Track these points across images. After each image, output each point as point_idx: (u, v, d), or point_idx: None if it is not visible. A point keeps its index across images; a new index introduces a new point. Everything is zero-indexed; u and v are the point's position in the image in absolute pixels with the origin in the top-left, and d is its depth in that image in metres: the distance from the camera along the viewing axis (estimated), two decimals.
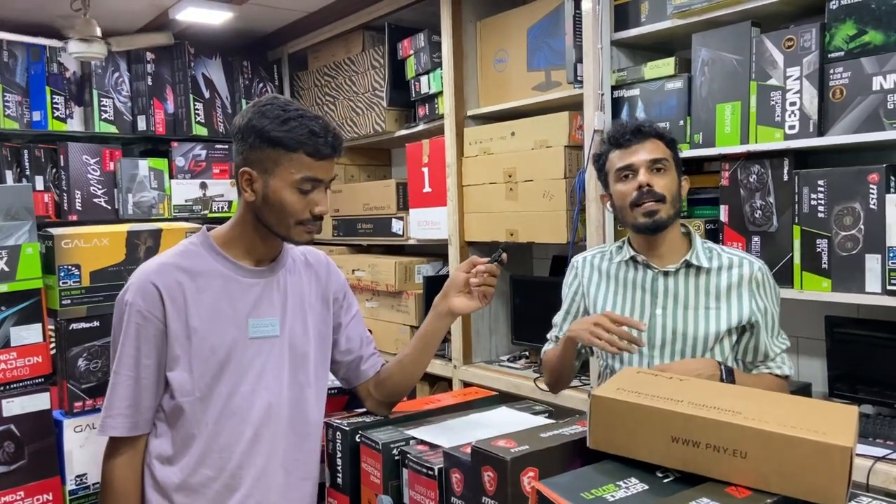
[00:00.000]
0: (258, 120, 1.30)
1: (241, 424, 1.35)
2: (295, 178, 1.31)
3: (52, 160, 3.70)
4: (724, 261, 1.67)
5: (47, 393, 1.52)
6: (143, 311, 1.31)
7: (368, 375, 1.54)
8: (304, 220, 1.34)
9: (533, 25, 2.84)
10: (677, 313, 1.66)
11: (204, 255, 1.37)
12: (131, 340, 1.32)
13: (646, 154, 1.64)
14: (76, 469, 1.55)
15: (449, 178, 3.10)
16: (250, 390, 1.36)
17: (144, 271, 1.34)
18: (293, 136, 1.29)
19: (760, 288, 1.65)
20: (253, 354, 1.37)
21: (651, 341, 1.68)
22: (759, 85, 2.08)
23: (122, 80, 3.87)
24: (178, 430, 1.34)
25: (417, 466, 1.22)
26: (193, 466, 1.34)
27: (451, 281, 1.47)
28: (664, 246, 1.69)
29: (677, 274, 1.68)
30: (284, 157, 1.30)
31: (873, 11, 1.87)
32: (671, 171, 1.67)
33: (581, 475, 1.01)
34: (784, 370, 1.68)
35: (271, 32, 4.12)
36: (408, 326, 3.37)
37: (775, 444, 0.91)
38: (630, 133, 1.66)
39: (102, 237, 1.58)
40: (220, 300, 1.35)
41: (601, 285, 1.77)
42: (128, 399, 1.33)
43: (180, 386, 1.33)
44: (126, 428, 1.33)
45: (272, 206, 1.32)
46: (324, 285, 1.49)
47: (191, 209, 3.99)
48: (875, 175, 1.88)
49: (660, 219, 1.63)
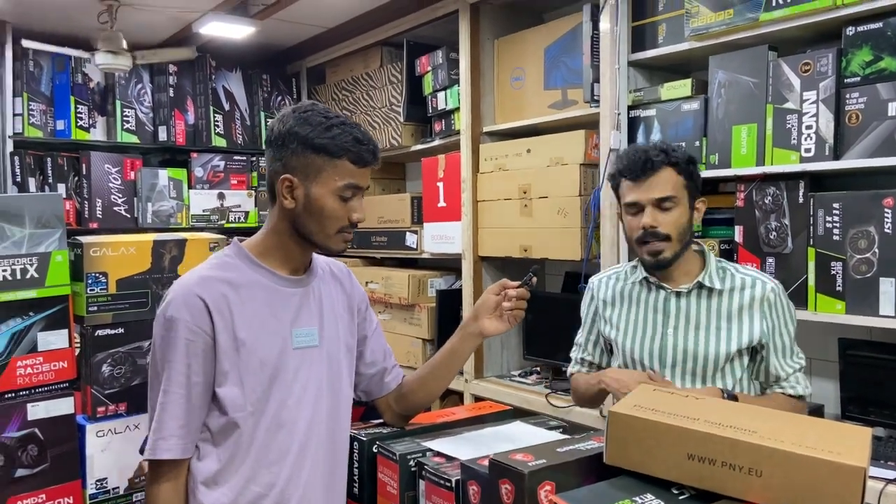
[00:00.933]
0: (301, 126, 1.29)
1: (288, 437, 1.33)
2: (338, 185, 1.30)
3: (75, 168, 3.76)
4: (738, 281, 1.68)
5: (71, 398, 1.55)
6: (190, 325, 1.27)
7: (391, 388, 1.55)
8: (343, 227, 1.33)
9: (550, 45, 2.87)
10: (689, 334, 1.68)
11: (242, 267, 1.34)
12: (181, 357, 1.27)
13: (652, 192, 1.63)
14: (97, 473, 1.58)
15: (464, 193, 3.13)
16: (296, 402, 1.34)
17: (186, 285, 1.30)
18: (338, 142, 1.28)
19: (772, 309, 1.65)
20: (297, 365, 1.35)
21: (662, 361, 1.70)
22: (776, 108, 2.10)
23: (145, 91, 3.94)
24: (226, 448, 1.30)
25: (435, 478, 1.24)
26: (244, 484, 1.30)
27: (481, 303, 1.49)
28: (677, 268, 1.70)
29: (689, 295, 1.69)
30: (329, 163, 1.29)
31: (889, 38, 1.89)
32: (680, 204, 1.65)
33: (597, 490, 1.03)
34: (798, 390, 1.67)
35: (291, 47, 4.18)
36: (420, 339, 3.39)
37: (790, 463, 0.93)
38: (639, 167, 1.64)
39: (129, 246, 1.61)
40: (263, 311, 1.32)
41: (616, 306, 1.80)
42: (181, 419, 1.27)
43: (232, 401, 1.29)
44: (180, 450, 1.27)
45: (313, 213, 1.31)
46: (349, 296, 1.50)
47: (208, 219, 4.03)
48: (890, 199, 1.89)
49: (664, 258, 1.65)
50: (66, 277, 1.55)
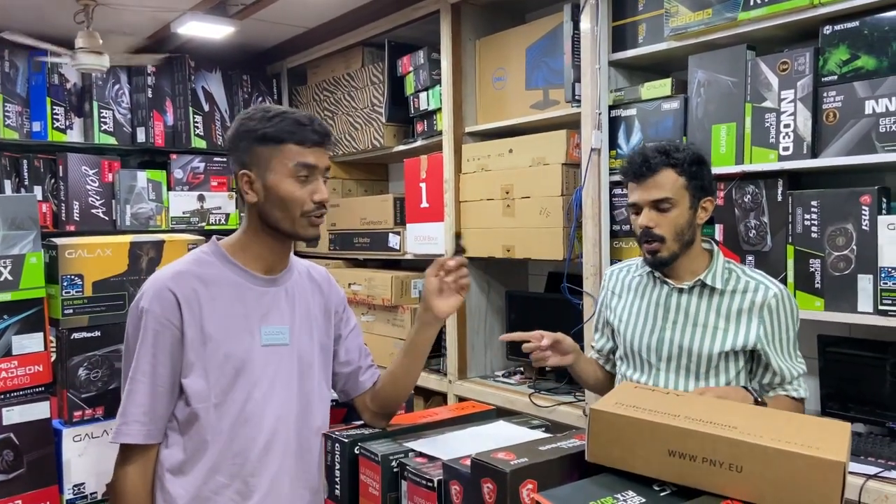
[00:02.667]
0: (244, 124, 1.37)
1: (254, 431, 1.37)
2: (289, 167, 1.35)
3: (51, 170, 3.71)
4: (741, 284, 1.69)
5: (47, 402, 1.53)
6: (159, 317, 1.32)
7: (366, 386, 1.55)
8: (308, 210, 1.37)
9: (532, 45, 2.88)
10: (686, 330, 1.70)
11: (216, 264, 1.39)
12: (148, 347, 1.33)
13: (649, 194, 1.66)
14: (74, 478, 1.56)
15: (446, 193, 3.13)
16: (263, 398, 1.38)
17: (160, 278, 1.35)
18: (279, 128, 1.34)
19: (773, 314, 1.66)
20: (265, 362, 1.39)
21: (659, 354, 1.74)
22: (754, 107, 2.12)
23: (123, 91, 3.89)
24: (191, 438, 1.35)
25: (417, 478, 1.23)
26: (207, 473, 1.35)
27: (426, 289, 1.47)
28: (682, 265, 1.72)
29: (691, 292, 1.72)
30: (275, 150, 1.35)
31: (866, 37, 1.91)
32: (678, 205, 1.66)
33: (579, 488, 1.03)
34: (800, 392, 1.71)
35: (271, 47, 4.16)
36: (403, 341, 3.37)
37: (770, 458, 0.93)
38: (637, 167, 1.67)
39: (105, 248, 1.59)
40: (233, 307, 1.37)
41: (622, 297, 1.85)
42: (144, 406, 1.33)
43: (196, 392, 1.33)
44: (142, 435, 1.33)
45: (274, 200, 1.36)
46: (326, 298, 1.53)
47: (188, 221, 4.00)
48: (867, 197, 1.91)
49: (660, 258, 1.68)
50: (41, 280, 1.53)
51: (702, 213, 1.72)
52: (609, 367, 1.96)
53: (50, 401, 1.55)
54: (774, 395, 1.71)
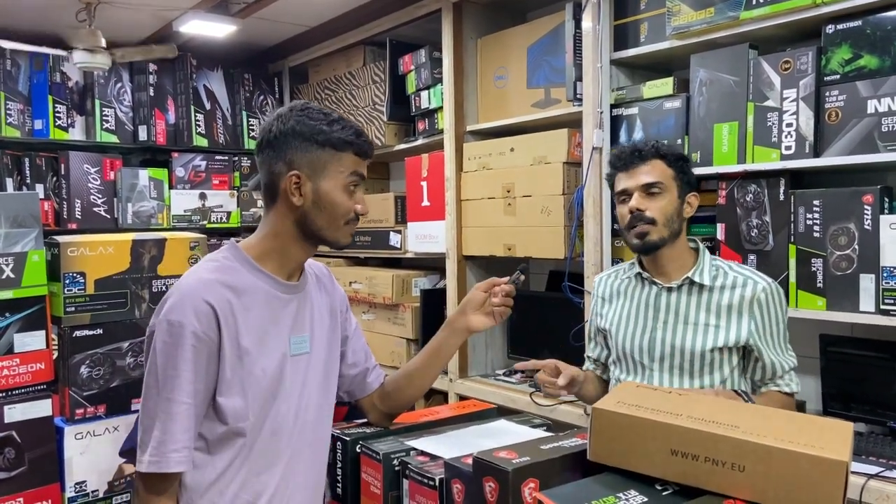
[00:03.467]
0: (303, 124, 1.29)
1: (278, 445, 1.32)
2: (345, 177, 1.31)
3: (53, 169, 3.71)
4: (730, 280, 1.70)
5: (49, 400, 1.53)
6: (198, 332, 1.21)
7: (373, 388, 1.54)
8: (350, 219, 1.35)
9: (533, 44, 2.88)
10: (677, 329, 1.71)
11: (241, 271, 1.30)
12: (189, 365, 1.21)
13: (640, 178, 1.70)
14: (76, 476, 1.55)
15: (448, 192, 3.13)
16: (287, 410, 1.32)
17: (192, 289, 1.24)
18: (342, 136, 1.30)
19: (763, 309, 1.68)
20: (293, 373, 1.33)
21: (651, 354, 1.74)
22: (757, 106, 2.11)
23: (125, 90, 3.89)
24: (222, 457, 1.27)
25: (418, 477, 1.23)
26: (235, 492, 1.28)
27: (469, 299, 1.50)
28: (669, 263, 1.74)
29: (680, 290, 1.73)
30: (334, 157, 1.30)
31: (868, 36, 1.91)
32: (668, 192, 1.71)
33: (581, 487, 1.03)
34: (792, 387, 1.72)
35: (273, 46, 4.16)
36: (404, 339, 3.37)
37: (773, 458, 0.93)
38: (627, 157, 1.72)
39: (108, 245, 1.59)
40: (265, 318, 1.30)
41: (613, 302, 1.86)
42: (189, 431, 1.22)
43: (234, 412, 1.25)
44: (187, 462, 1.22)
45: (324, 207, 1.30)
46: (331, 297, 1.49)
47: (189, 219, 4.00)
48: (869, 196, 1.91)
49: (650, 241, 1.69)
50: (43, 277, 1.53)
51: (688, 207, 1.76)
52: (606, 376, 1.97)
53: (52, 399, 1.54)
54: (766, 390, 1.72)
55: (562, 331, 2.58)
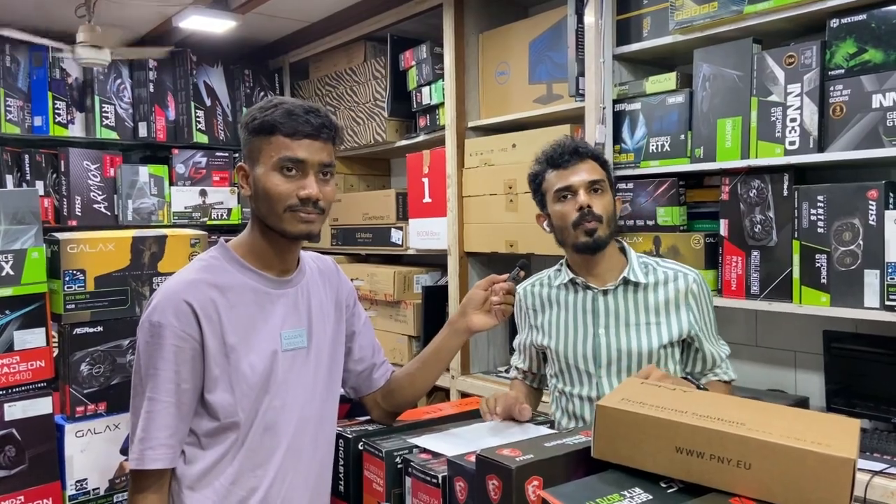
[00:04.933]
0: (246, 116, 1.32)
1: (274, 440, 1.31)
2: (274, 160, 1.27)
3: (53, 165, 3.70)
4: (660, 276, 1.71)
5: (49, 397, 1.52)
6: (177, 331, 1.23)
7: (379, 385, 1.53)
8: (293, 205, 1.27)
9: (535, 39, 2.86)
10: (619, 331, 1.69)
11: (229, 269, 1.32)
12: (169, 364, 1.24)
13: (584, 175, 1.68)
14: (77, 474, 1.55)
15: (449, 188, 3.12)
16: (283, 405, 1.32)
17: (173, 289, 1.26)
18: (269, 119, 1.27)
19: (696, 300, 1.70)
20: (287, 368, 1.33)
21: (597, 361, 1.70)
22: (760, 101, 2.10)
23: (124, 86, 3.88)
24: (214, 452, 1.28)
25: (421, 474, 1.22)
26: (228, 487, 1.28)
27: (468, 298, 1.49)
28: (602, 265, 1.72)
29: (616, 292, 1.70)
30: (264, 142, 1.28)
31: (873, 30, 1.89)
32: (608, 191, 1.71)
33: (586, 484, 1.02)
34: (730, 374, 1.75)
35: (273, 41, 4.14)
36: (406, 336, 3.37)
37: (780, 455, 0.92)
38: (568, 154, 1.69)
39: (108, 242, 1.58)
40: (252, 314, 1.30)
41: (545, 312, 1.80)
42: (170, 428, 1.24)
43: (223, 407, 1.26)
44: (168, 459, 1.25)
45: (261, 194, 1.29)
46: (336, 291, 1.48)
47: (190, 216, 3.99)
48: (874, 191, 1.89)
49: (599, 237, 1.66)
50: (43, 275, 1.52)
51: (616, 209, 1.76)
52: (536, 385, 1.92)
53: (52, 396, 1.53)
54: (706, 381, 1.73)
55: None
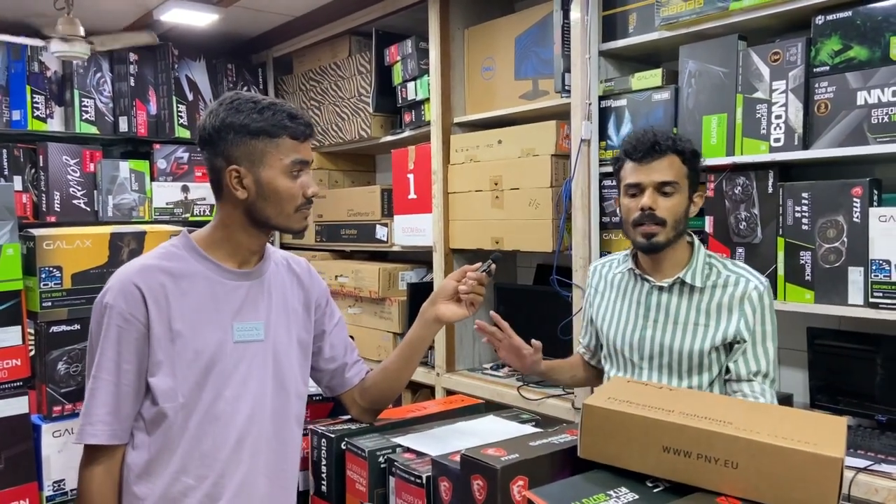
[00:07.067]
0: (233, 116, 1.29)
1: (224, 430, 1.32)
2: (286, 164, 1.30)
3: (31, 160, 3.64)
4: (722, 279, 1.66)
5: (26, 397, 1.49)
6: (124, 313, 1.27)
7: (353, 383, 1.52)
8: (301, 204, 1.33)
9: (521, 34, 2.85)
10: (667, 328, 1.68)
11: (187, 258, 1.34)
12: (112, 344, 1.28)
13: (655, 175, 1.63)
14: (54, 475, 1.52)
15: (434, 184, 3.10)
16: (234, 396, 1.32)
17: (125, 273, 1.30)
18: (274, 122, 1.29)
19: (754, 307, 1.62)
20: (238, 359, 1.33)
21: (641, 353, 1.71)
22: (746, 98, 2.10)
23: (105, 80, 3.82)
24: (157, 438, 1.30)
25: (405, 474, 1.20)
26: (174, 475, 1.29)
27: (440, 288, 1.48)
28: (665, 261, 1.70)
29: (671, 290, 1.69)
30: (270, 144, 1.29)
31: (858, 27, 1.90)
32: (680, 192, 1.65)
33: (571, 484, 1.01)
34: (761, 401, 1.60)
35: (257, 36, 4.10)
36: (391, 333, 3.35)
37: (767, 454, 0.92)
38: (645, 149, 1.64)
39: (85, 239, 1.55)
40: (204, 303, 1.32)
41: (604, 294, 1.83)
42: (108, 405, 1.28)
43: (163, 392, 1.28)
44: (106, 436, 1.28)
45: (268, 197, 1.30)
46: (306, 291, 1.48)
47: (172, 212, 3.94)
48: (858, 188, 1.90)
49: (656, 242, 1.64)
50: (18, 272, 1.49)
51: (693, 207, 1.71)
52: (595, 363, 1.95)
53: (28, 395, 1.50)
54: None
55: (550, 324, 2.55)
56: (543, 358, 1.83)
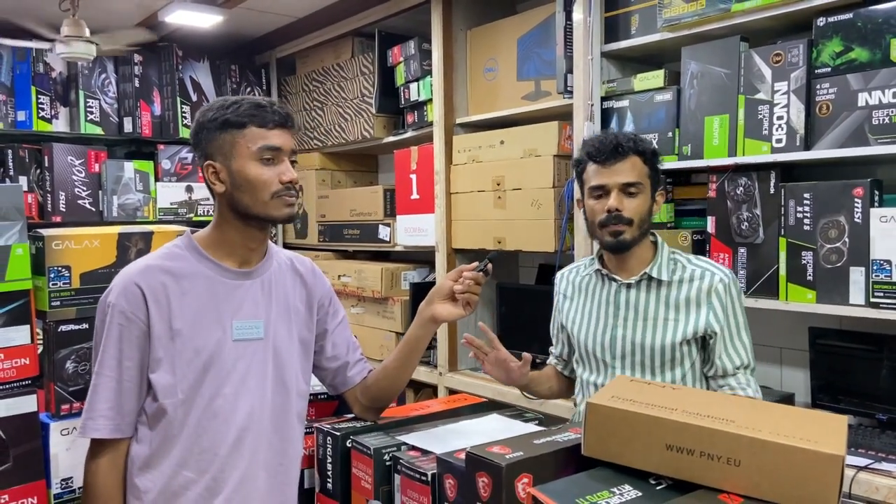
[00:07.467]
0: (204, 115, 1.36)
1: (223, 427, 1.34)
2: (253, 151, 1.33)
3: (37, 161, 3.66)
4: (687, 273, 1.69)
5: (34, 395, 1.50)
6: (126, 312, 1.31)
7: (355, 381, 1.54)
8: (277, 190, 1.34)
9: (523, 35, 2.86)
10: (637, 325, 1.70)
11: (188, 258, 1.37)
12: (114, 342, 1.32)
13: (620, 177, 1.65)
14: (62, 472, 1.53)
15: (437, 185, 3.11)
16: (233, 393, 1.35)
17: (128, 273, 1.34)
18: (239, 113, 1.33)
19: (722, 300, 1.64)
20: (237, 357, 1.36)
21: (613, 352, 1.72)
22: (747, 99, 2.11)
23: (109, 81, 3.84)
24: (158, 433, 1.33)
25: (410, 472, 1.22)
26: (175, 469, 1.32)
27: (436, 288, 1.49)
28: (631, 259, 1.72)
29: (638, 286, 1.71)
30: (238, 135, 1.33)
31: (859, 29, 1.91)
32: (644, 192, 1.68)
33: (575, 482, 1.02)
34: (748, 392, 1.64)
35: (260, 36, 4.11)
36: (393, 333, 3.36)
37: (769, 452, 0.93)
38: (608, 152, 1.66)
39: (93, 239, 1.56)
40: (204, 302, 1.35)
41: (573, 299, 1.84)
42: (110, 401, 1.32)
43: (163, 388, 1.32)
44: (108, 430, 1.32)
45: (242, 186, 1.33)
46: (310, 291, 1.50)
47: (176, 212, 3.96)
48: (860, 189, 1.91)
49: (624, 240, 1.67)
50: (28, 271, 1.50)
51: (656, 206, 1.73)
52: (567, 373, 1.96)
53: (37, 394, 1.52)
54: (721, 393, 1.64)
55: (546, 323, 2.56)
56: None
